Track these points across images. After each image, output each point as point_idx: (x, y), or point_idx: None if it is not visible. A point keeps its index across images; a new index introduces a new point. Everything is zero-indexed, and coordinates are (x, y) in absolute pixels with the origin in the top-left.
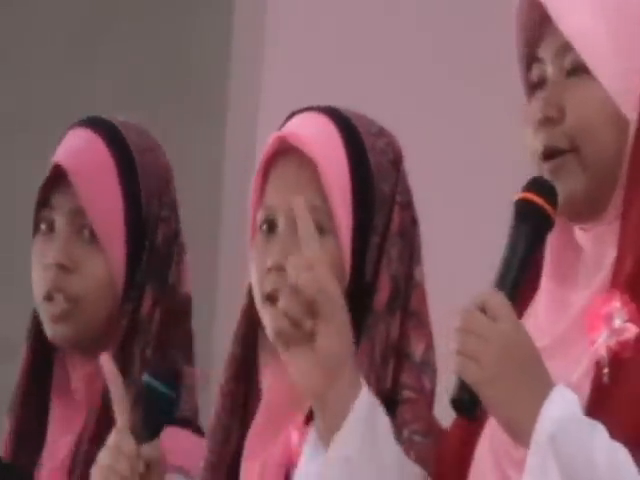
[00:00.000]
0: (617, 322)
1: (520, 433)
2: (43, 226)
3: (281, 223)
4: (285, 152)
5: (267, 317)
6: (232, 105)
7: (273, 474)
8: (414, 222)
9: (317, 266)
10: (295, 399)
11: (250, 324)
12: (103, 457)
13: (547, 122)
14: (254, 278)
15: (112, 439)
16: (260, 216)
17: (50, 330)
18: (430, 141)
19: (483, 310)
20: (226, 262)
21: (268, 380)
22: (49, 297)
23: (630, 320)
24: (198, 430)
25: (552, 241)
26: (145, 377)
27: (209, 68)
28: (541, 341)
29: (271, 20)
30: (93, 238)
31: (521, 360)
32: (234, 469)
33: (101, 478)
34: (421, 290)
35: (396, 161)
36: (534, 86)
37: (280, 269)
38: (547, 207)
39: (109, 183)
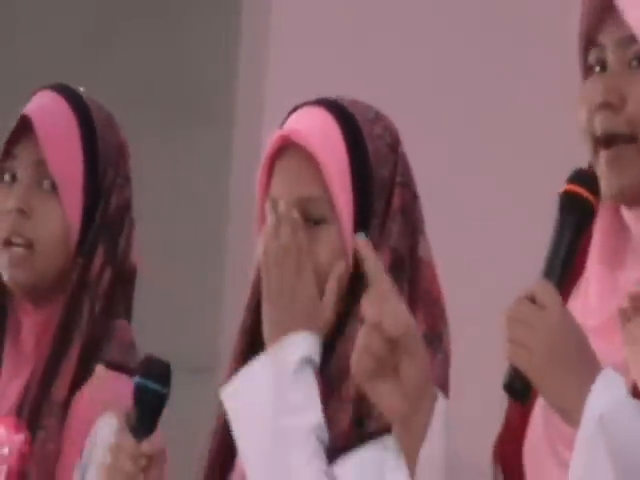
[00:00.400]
0: None
1: (570, 415)
2: (6, 176)
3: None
4: (287, 147)
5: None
6: (239, 108)
7: None
8: (415, 198)
9: (396, 304)
10: None
11: (256, 317)
12: (106, 458)
13: (607, 106)
14: None
15: (113, 440)
16: (267, 207)
17: (7, 275)
18: (433, 135)
19: (532, 300)
20: (234, 261)
21: None
22: (7, 242)
23: None
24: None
25: (600, 225)
26: (137, 379)
27: (216, 73)
28: (591, 322)
29: (276, 24)
30: (53, 189)
31: (569, 346)
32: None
33: (107, 477)
34: (429, 267)
35: (394, 144)
36: (591, 68)
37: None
38: (591, 198)
39: (71, 140)
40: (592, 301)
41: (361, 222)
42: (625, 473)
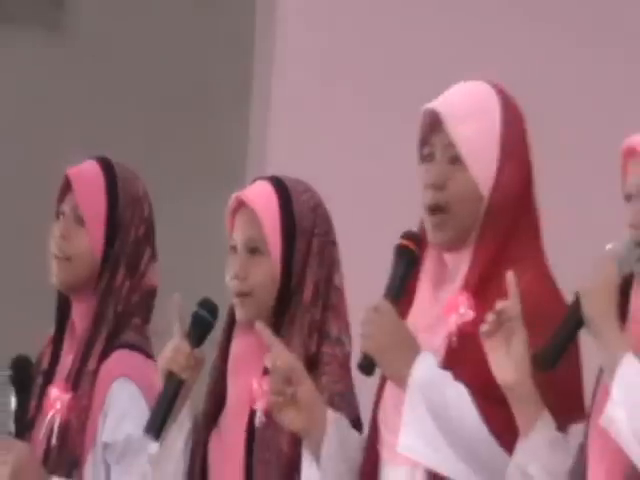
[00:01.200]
0: (462, 309)
1: (401, 383)
2: (60, 216)
3: (239, 248)
4: (242, 205)
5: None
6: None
7: (237, 412)
8: (333, 244)
9: (280, 352)
10: (254, 357)
11: (231, 320)
12: (167, 351)
13: (434, 186)
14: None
15: (174, 343)
16: (230, 243)
17: (55, 280)
18: None
19: (376, 310)
20: None
21: (235, 344)
22: (55, 256)
23: (470, 309)
24: (148, 355)
25: (429, 260)
26: (197, 309)
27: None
28: (421, 321)
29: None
30: (83, 224)
31: (399, 337)
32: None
33: (165, 364)
34: (340, 291)
35: (315, 207)
36: (424, 157)
37: (237, 277)
38: (414, 248)
39: (98, 191)
40: (422, 308)
41: (287, 256)
42: (441, 423)
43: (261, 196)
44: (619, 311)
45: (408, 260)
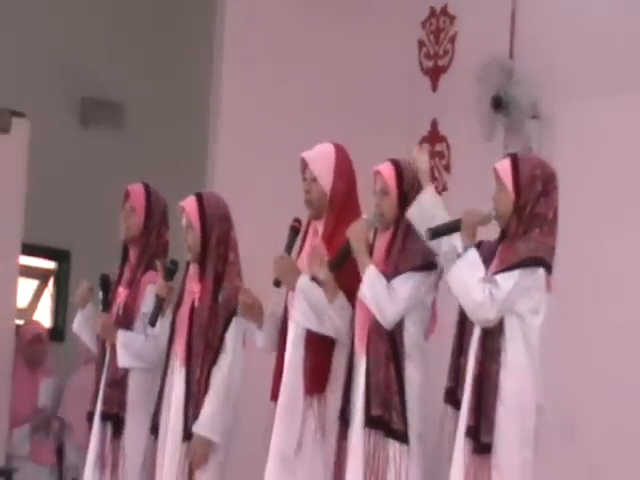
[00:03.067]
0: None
1: (293, 289)
2: (125, 206)
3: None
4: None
5: None
6: None
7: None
8: (230, 235)
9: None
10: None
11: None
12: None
13: (305, 192)
14: None
15: (159, 280)
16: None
17: (122, 235)
18: None
19: (281, 257)
20: None
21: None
22: (124, 227)
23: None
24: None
25: (311, 228)
26: (169, 264)
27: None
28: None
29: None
30: (136, 214)
31: (291, 268)
32: None
33: (155, 290)
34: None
35: (224, 215)
36: (303, 179)
37: (185, 242)
38: (298, 226)
39: (141, 204)
40: (306, 253)
41: (204, 248)
42: (309, 303)
43: (191, 206)
44: (370, 247)
45: (295, 233)
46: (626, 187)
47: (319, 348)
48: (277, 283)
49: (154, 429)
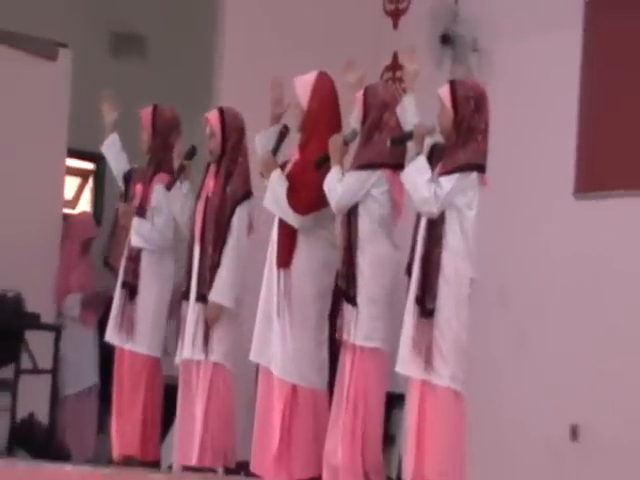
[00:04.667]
0: (296, 156)
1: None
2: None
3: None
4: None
5: None
6: None
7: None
8: (243, 137)
9: None
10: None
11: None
12: (263, 158)
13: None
14: None
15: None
16: None
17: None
18: None
19: (267, 157)
20: None
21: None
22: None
23: (298, 156)
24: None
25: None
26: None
27: None
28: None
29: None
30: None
31: (274, 166)
32: None
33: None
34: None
35: (241, 130)
36: None
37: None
38: (285, 131)
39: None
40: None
41: (222, 151)
42: (275, 192)
43: (215, 117)
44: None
45: (281, 137)
46: (547, 108)
47: (286, 230)
48: (262, 174)
49: (185, 294)
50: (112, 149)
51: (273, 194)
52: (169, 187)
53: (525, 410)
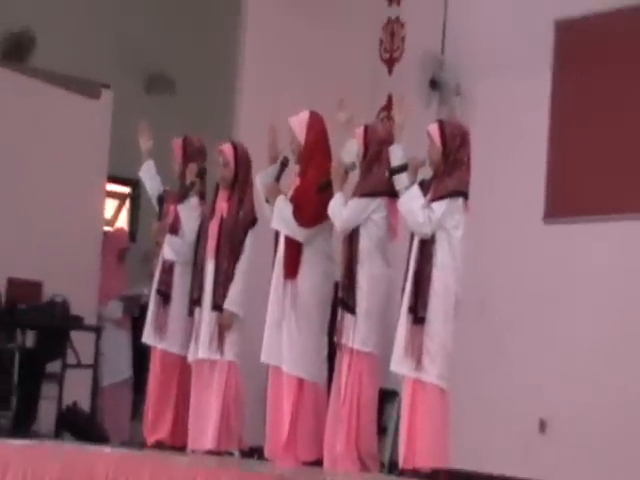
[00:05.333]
0: (297, 182)
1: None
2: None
3: None
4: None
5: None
6: None
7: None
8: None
9: None
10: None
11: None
12: (267, 186)
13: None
14: None
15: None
16: None
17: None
18: None
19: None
20: None
21: None
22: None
23: (298, 181)
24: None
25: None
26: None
27: None
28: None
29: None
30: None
31: (277, 192)
32: None
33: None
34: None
35: (244, 151)
36: None
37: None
38: (286, 162)
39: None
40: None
41: (235, 179)
42: (282, 214)
43: (229, 149)
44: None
45: (282, 166)
46: (520, 143)
47: (292, 246)
48: (267, 200)
49: (197, 301)
50: (148, 174)
51: (280, 215)
52: (180, 200)
53: (500, 406)
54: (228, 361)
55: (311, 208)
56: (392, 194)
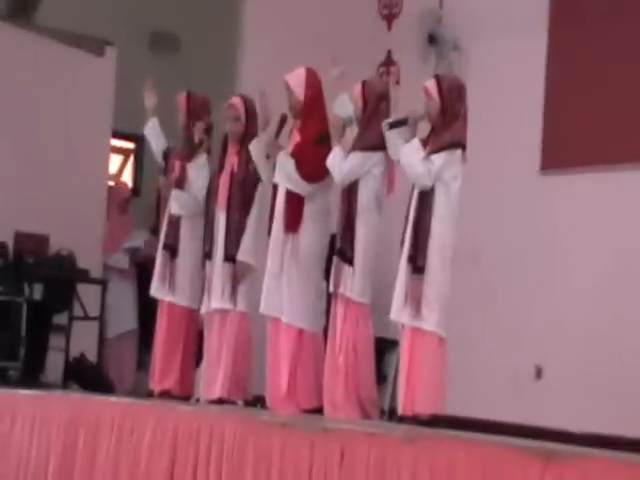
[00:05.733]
0: (297, 137)
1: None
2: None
3: None
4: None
5: None
6: None
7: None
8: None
9: None
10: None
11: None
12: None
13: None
14: None
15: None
16: None
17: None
18: None
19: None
20: None
21: None
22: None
23: (298, 135)
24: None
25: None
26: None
27: None
28: None
29: None
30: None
31: (278, 149)
32: None
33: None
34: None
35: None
36: None
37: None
38: (284, 117)
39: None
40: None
41: (245, 133)
42: (284, 168)
43: (240, 102)
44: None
45: (281, 122)
46: (517, 98)
47: (294, 201)
48: (267, 156)
49: (208, 254)
50: (152, 131)
51: (283, 170)
52: (189, 158)
53: (496, 353)
54: (240, 311)
55: (313, 162)
56: (372, 147)
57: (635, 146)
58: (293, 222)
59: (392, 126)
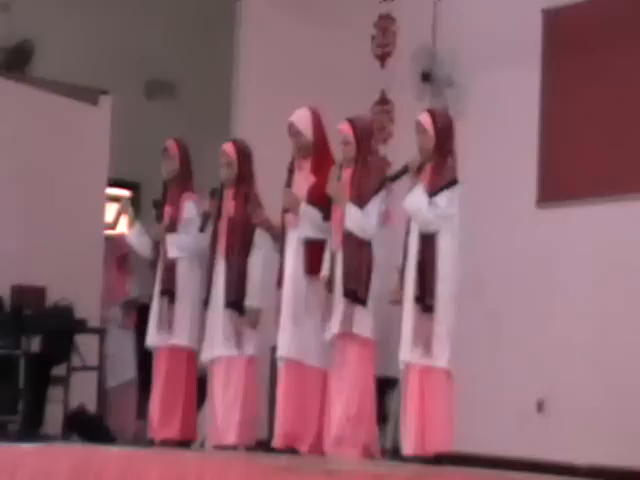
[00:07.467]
0: (310, 180)
1: (297, 213)
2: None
3: None
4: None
5: None
6: None
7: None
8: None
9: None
10: None
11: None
12: (283, 194)
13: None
14: None
15: (285, 191)
16: None
17: None
18: None
19: (285, 191)
20: None
21: None
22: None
23: (312, 178)
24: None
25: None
26: None
27: None
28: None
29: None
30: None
31: (294, 199)
32: None
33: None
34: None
35: (249, 150)
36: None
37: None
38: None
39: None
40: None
41: (239, 178)
42: (310, 215)
43: (231, 148)
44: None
45: (290, 173)
46: (514, 128)
47: (314, 248)
48: (285, 210)
49: (206, 302)
50: (136, 238)
51: (312, 224)
52: (202, 229)
53: (499, 385)
54: (248, 356)
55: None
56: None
57: (630, 177)
58: (315, 266)
59: (393, 179)
